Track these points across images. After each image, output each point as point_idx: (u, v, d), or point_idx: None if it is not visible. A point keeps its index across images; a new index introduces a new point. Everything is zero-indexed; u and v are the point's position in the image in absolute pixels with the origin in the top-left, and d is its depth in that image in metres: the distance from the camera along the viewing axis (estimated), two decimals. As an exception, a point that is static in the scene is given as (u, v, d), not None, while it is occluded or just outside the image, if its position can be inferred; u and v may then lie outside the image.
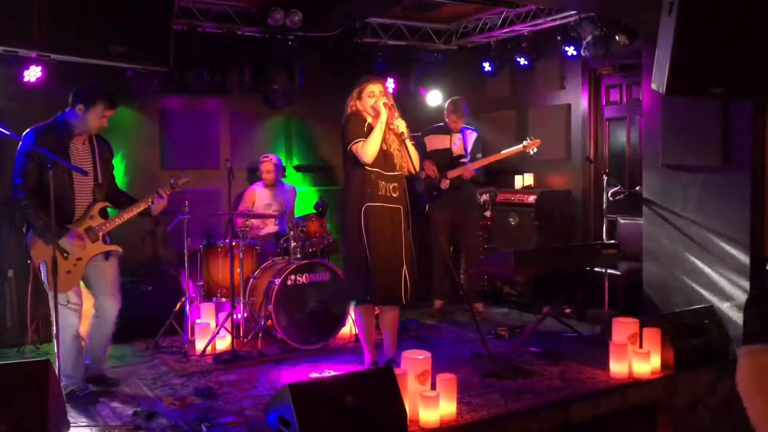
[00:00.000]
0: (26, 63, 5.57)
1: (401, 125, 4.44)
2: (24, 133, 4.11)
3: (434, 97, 7.45)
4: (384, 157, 4.42)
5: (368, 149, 4.33)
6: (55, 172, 3.85)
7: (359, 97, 4.51)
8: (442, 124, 6.54)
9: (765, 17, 3.77)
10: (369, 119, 4.46)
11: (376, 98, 4.44)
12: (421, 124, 6.64)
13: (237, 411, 4.05)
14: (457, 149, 6.40)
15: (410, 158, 4.51)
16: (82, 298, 4.31)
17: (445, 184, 6.28)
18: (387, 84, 4.64)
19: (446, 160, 6.37)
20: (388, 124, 4.41)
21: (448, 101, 6.51)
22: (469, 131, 6.53)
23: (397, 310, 4.63)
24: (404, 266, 4.44)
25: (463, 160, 6.36)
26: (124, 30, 3.26)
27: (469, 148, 6.43)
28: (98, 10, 3.19)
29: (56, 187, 3.95)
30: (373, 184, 4.39)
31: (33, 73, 5.63)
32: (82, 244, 4.16)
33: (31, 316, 5.52)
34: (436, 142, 6.44)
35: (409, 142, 4.51)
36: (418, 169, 4.65)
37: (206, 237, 5.82)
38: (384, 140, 4.42)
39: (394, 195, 4.45)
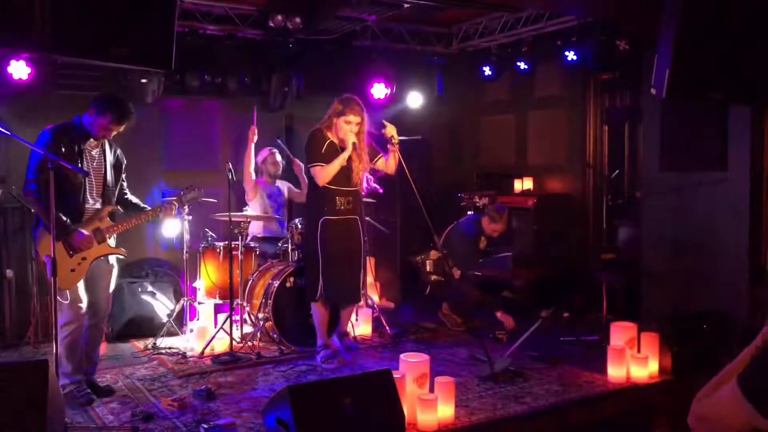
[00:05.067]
0: (9, 60, 5.50)
1: (391, 130, 4.90)
2: (41, 132, 4.16)
3: (415, 99, 7.42)
4: (344, 174, 4.84)
5: (324, 176, 4.77)
6: (67, 172, 3.94)
7: (337, 117, 4.85)
8: (477, 224, 6.30)
9: (765, 24, 3.79)
10: (330, 138, 4.87)
11: (350, 128, 4.80)
12: (415, 127, 6.62)
13: (235, 413, 4.05)
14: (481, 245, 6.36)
15: (391, 164, 4.99)
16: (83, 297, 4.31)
17: (457, 273, 6.10)
18: (365, 115, 4.92)
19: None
20: (351, 154, 4.81)
21: (495, 212, 6.23)
22: None
23: (353, 306, 5.29)
24: (361, 270, 5.04)
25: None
26: (126, 31, 3.25)
27: None
28: (101, 12, 3.19)
29: (67, 187, 4.04)
30: (330, 200, 4.85)
31: (21, 71, 5.49)
32: (89, 243, 4.18)
33: (30, 316, 5.53)
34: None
35: (396, 153, 4.94)
36: (394, 172, 5.06)
37: (205, 238, 5.82)
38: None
39: (349, 207, 4.92)
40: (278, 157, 6.46)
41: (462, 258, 6.10)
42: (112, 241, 4.35)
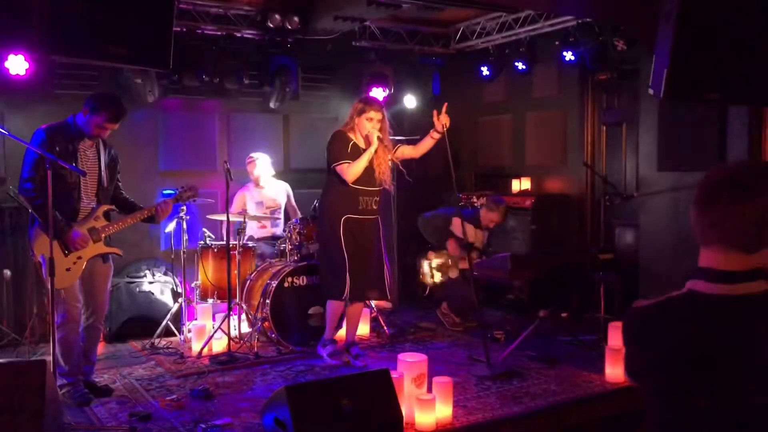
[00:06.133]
0: (7, 54, 5.39)
1: (445, 118, 4.81)
2: (35, 131, 4.15)
3: (410, 101, 7.43)
4: (367, 174, 4.81)
5: (352, 173, 4.76)
6: (62, 172, 3.95)
7: (359, 115, 4.86)
8: (474, 213, 6.26)
9: (762, 23, 3.79)
10: (353, 139, 4.87)
11: (373, 125, 4.80)
12: (413, 128, 6.62)
13: (233, 413, 4.05)
14: (478, 244, 6.23)
15: (422, 148, 5.03)
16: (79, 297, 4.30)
17: (454, 272, 6.16)
18: (385, 111, 4.98)
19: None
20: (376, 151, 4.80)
21: (493, 202, 6.23)
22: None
23: (362, 305, 5.18)
24: (385, 267, 5.02)
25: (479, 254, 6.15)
26: (124, 31, 3.26)
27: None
28: (99, 12, 3.19)
29: (63, 186, 4.03)
30: (353, 199, 4.84)
31: (19, 66, 5.31)
32: (85, 242, 4.18)
33: (28, 316, 5.52)
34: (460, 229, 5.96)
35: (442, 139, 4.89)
36: (420, 155, 5.11)
37: (203, 238, 5.82)
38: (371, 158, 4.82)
39: (373, 207, 4.93)
40: (257, 163, 6.33)
41: (435, 230, 6.06)
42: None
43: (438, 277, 6.26)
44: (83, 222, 4.22)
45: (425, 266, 6.31)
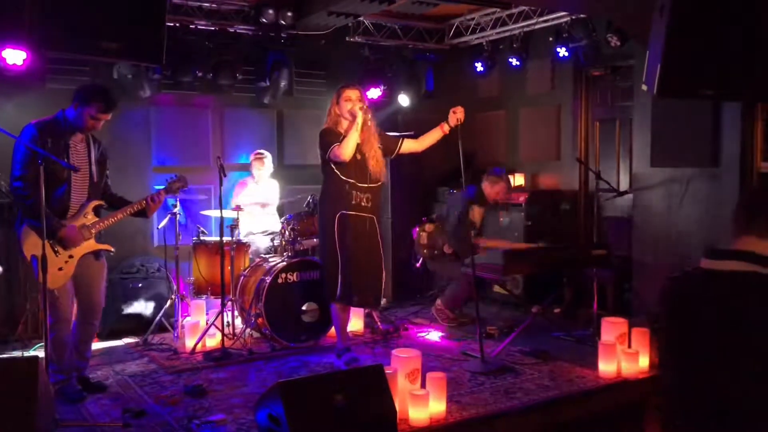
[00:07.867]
0: (4, 46, 5.29)
1: (461, 112, 4.83)
2: (25, 126, 4.08)
3: (404, 99, 7.42)
4: (359, 168, 4.72)
5: (345, 148, 4.62)
6: (53, 168, 3.90)
7: (337, 102, 4.79)
8: (475, 191, 6.08)
9: (756, 19, 3.80)
10: (341, 132, 4.74)
11: (352, 103, 4.71)
12: (407, 124, 6.62)
13: (227, 409, 4.05)
14: (478, 221, 6.18)
15: (427, 142, 5.04)
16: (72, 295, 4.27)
17: (448, 248, 6.07)
18: (364, 91, 4.91)
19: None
20: (364, 125, 4.67)
21: (494, 174, 6.10)
22: None
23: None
24: (383, 272, 4.89)
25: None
26: (116, 26, 3.22)
27: None
28: (90, 6, 3.16)
29: (54, 182, 3.98)
30: (346, 194, 4.72)
31: (16, 57, 5.25)
32: (80, 237, 4.15)
33: (20, 312, 5.50)
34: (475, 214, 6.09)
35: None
36: (422, 150, 5.10)
37: (196, 234, 5.81)
38: (359, 150, 4.71)
39: (367, 205, 4.78)
40: (266, 161, 6.37)
41: (452, 226, 6.05)
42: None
43: (432, 251, 6.18)
44: (73, 219, 4.18)
45: (422, 236, 6.23)
